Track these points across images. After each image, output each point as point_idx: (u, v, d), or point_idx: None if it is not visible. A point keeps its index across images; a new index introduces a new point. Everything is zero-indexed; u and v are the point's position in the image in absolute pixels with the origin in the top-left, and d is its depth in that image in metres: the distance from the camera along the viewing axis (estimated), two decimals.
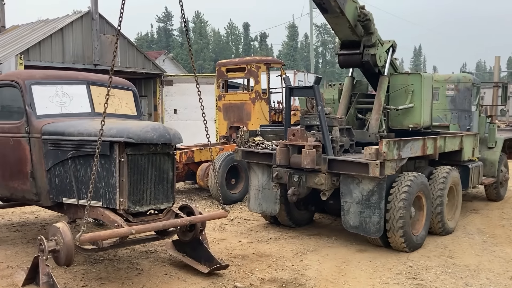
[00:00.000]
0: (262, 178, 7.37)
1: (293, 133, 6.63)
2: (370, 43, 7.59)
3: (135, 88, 6.64)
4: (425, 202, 6.74)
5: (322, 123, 6.59)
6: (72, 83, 5.86)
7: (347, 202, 6.35)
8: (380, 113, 7.84)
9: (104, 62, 15.90)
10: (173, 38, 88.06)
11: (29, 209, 8.84)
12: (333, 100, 8.68)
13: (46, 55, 14.69)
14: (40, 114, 5.44)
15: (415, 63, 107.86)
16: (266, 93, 12.52)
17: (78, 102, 5.79)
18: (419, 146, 6.74)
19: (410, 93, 8.00)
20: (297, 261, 5.94)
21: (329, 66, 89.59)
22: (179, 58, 67.21)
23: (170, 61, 40.43)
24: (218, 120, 13.36)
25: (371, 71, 8.05)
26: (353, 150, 7.14)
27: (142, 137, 4.67)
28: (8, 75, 6.09)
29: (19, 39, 16.36)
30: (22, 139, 5.49)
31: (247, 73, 12.48)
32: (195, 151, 10.44)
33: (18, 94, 5.55)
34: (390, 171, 6.08)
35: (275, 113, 13.56)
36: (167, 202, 5.08)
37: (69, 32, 15.27)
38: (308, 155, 6.24)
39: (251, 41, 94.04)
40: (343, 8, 6.99)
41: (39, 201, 5.58)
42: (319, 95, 6.65)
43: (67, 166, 5.11)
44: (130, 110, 6.39)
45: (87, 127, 5.02)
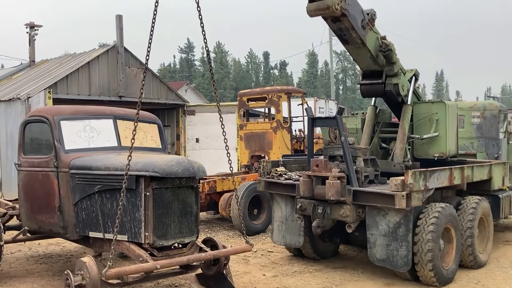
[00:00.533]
0: (286, 210, 7.32)
1: (316, 164, 6.59)
2: (392, 72, 7.58)
3: (160, 121, 6.75)
4: (455, 234, 6.57)
5: (346, 153, 6.54)
6: (99, 118, 5.99)
7: (373, 234, 6.23)
8: (404, 143, 7.76)
9: (129, 94, 16.25)
10: (195, 68, 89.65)
11: (55, 241, 8.93)
12: (356, 130, 8.64)
13: (73, 88, 15.11)
14: (68, 149, 5.56)
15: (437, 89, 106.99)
16: (288, 121, 12.56)
17: (105, 136, 5.91)
18: (446, 176, 6.61)
19: (435, 122, 7.91)
20: None
21: (350, 93, 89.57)
22: (200, 87, 68.23)
23: (192, 91, 41.07)
24: (240, 149, 13.44)
25: (394, 100, 8.02)
26: (378, 181, 7.05)
27: (167, 171, 4.71)
28: (38, 110, 6.28)
29: (47, 73, 16.89)
30: (50, 173, 5.61)
31: (268, 103, 12.59)
32: (217, 181, 10.46)
33: (47, 130, 5.69)
34: (417, 203, 5.97)
35: (297, 141, 13.57)
36: (191, 236, 5.07)
37: (96, 65, 15.71)
38: (332, 186, 6.19)
39: (271, 69, 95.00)
40: (364, 39, 7.04)
41: (65, 234, 5.65)
42: (342, 125, 6.63)
43: (94, 200, 5.18)
44: (155, 143, 6.48)
45: (113, 161, 5.11)
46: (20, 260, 7.66)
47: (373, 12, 7.27)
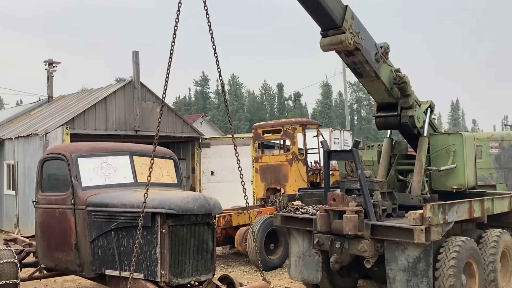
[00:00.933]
0: (303, 245, 7.21)
1: (333, 198, 6.53)
2: (407, 105, 7.56)
3: (175, 157, 6.79)
4: (477, 269, 6.38)
5: (363, 187, 6.47)
6: (116, 154, 6.06)
7: (393, 269, 6.08)
8: (422, 175, 7.66)
9: (145, 128, 16.46)
10: (209, 100, 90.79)
11: (71, 277, 8.89)
12: (372, 162, 8.57)
13: (90, 123, 15.37)
14: (85, 186, 5.61)
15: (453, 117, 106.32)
16: (303, 153, 12.54)
17: (121, 173, 5.96)
18: (466, 209, 6.47)
19: (452, 153, 7.82)
20: None
21: (365, 123, 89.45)
22: (215, 119, 68.92)
23: (207, 123, 41.48)
24: (255, 182, 13.40)
25: (410, 132, 7.97)
26: (396, 214, 6.93)
27: (183, 208, 4.71)
28: (56, 148, 6.39)
29: (65, 109, 17.25)
30: (67, 211, 5.64)
31: (283, 135, 12.61)
32: (233, 215, 10.40)
33: (65, 167, 5.77)
34: (437, 237, 5.84)
35: (313, 173, 13.50)
36: (208, 274, 5.02)
37: (112, 100, 16.01)
38: (350, 220, 6.10)
39: (285, 100, 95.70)
40: (378, 72, 7.07)
41: (82, 272, 5.64)
42: (358, 158, 6.59)
43: (110, 238, 5.18)
44: (170, 179, 6.50)
45: (130, 198, 5.13)
46: None
47: (386, 45, 7.33)
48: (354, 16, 6.71)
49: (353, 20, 6.66)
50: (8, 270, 6.16)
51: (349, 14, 6.60)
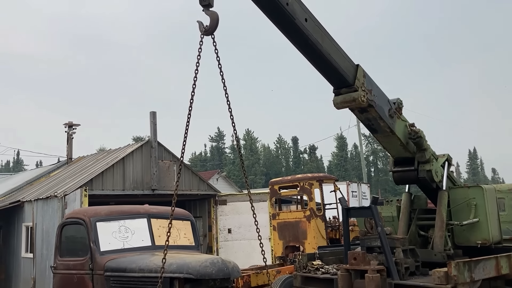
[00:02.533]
0: None
1: (354, 257, 6.38)
2: (424, 159, 7.52)
3: (193, 218, 6.78)
4: None
5: (384, 244, 6.34)
6: (134, 217, 6.08)
7: None
8: (443, 230, 7.47)
9: (162, 187, 16.54)
10: (225, 155, 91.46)
11: None
12: (392, 218, 8.41)
13: (108, 184, 15.52)
14: (104, 250, 5.60)
15: (471, 167, 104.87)
16: (321, 209, 12.40)
17: (139, 236, 5.95)
18: (493, 266, 6.25)
19: (473, 207, 7.65)
20: None
21: (382, 174, 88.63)
22: (231, 174, 69.08)
23: (223, 179, 41.52)
24: (273, 240, 13.21)
25: (428, 187, 7.87)
26: (420, 272, 6.71)
27: (201, 273, 4.65)
28: (75, 212, 6.44)
29: (83, 170, 17.52)
30: (85, 276, 5.60)
31: (300, 190, 12.55)
32: (251, 276, 10.16)
33: (83, 231, 5.79)
34: None
35: (332, 229, 13.28)
36: None
37: (130, 160, 16.24)
38: (372, 280, 5.93)
39: (301, 153, 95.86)
40: (392, 127, 7.10)
41: None
42: (378, 215, 6.50)
43: None
44: (188, 241, 6.46)
45: (148, 263, 5.09)
46: None
47: (399, 101, 7.41)
48: (366, 74, 6.84)
49: (365, 78, 6.79)
50: None
51: (361, 72, 6.74)
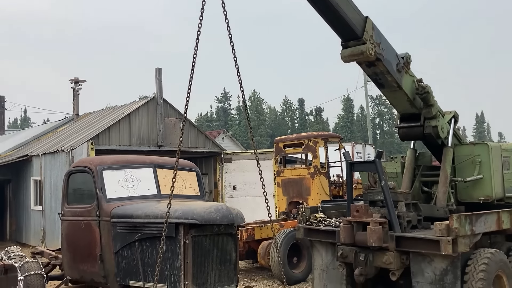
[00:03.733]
0: (326, 257, 7.13)
1: (356, 209, 6.46)
2: (431, 115, 7.47)
3: (198, 169, 6.85)
4: (507, 282, 6.19)
5: (387, 198, 6.39)
6: (140, 167, 6.15)
7: (419, 282, 5.95)
8: (447, 186, 7.52)
9: (168, 144, 16.65)
10: (231, 117, 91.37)
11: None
12: (396, 174, 8.45)
13: (114, 139, 15.63)
14: (110, 198, 5.70)
15: (478, 131, 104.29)
16: (325, 167, 12.47)
17: (145, 185, 6.03)
18: (494, 220, 6.32)
19: (478, 164, 7.66)
20: None
21: (388, 137, 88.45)
22: (237, 135, 69.19)
23: (228, 139, 41.68)
24: (277, 196, 13.36)
25: (433, 143, 7.85)
26: (422, 226, 6.80)
27: (206, 218, 4.73)
28: (81, 161, 6.52)
29: (90, 126, 17.61)
30: (92, 223, 5.73)
31: (304, 148, 12.58)
32: (255, 229, 10.36)
33: (90, 180, 5.88)
34: (464, 248, 5.70)
35: (335, 187, 13.39)
36: (231, 284, 5.01)
37: (136, 117, 16.28)
38: (374, 232, 6.02)
39: (307, 115, 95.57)
40: (400, 82, 7.02)
41: (106, 284, 5.68)
42: (382, 169, 6.52)
43: (134, 249, 5.22)
44: (193, 191, 6.55)
45: (153, 209, 5.18)
46: None
47: (408, 55, 7.28)
48: (375, 27, 6.71)
49: (374, 30, 6.66)
50: (36, 282, 6.27)
51: (370, 25, 6.60)
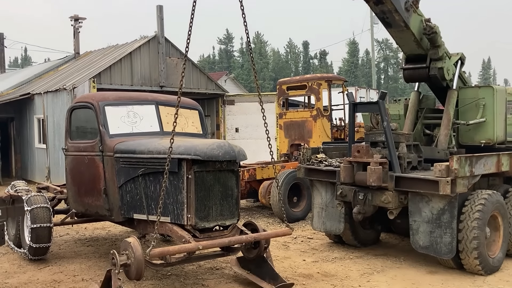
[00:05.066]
0: (326, 196, 7.27)
1: (357, 149, 6.50)
2: (437, 56, 7.34)
3: (200, 108, 6.83)
4: (502, 222, 6.35)
5: (388, 139, 6.42)
6: (142, 104, 6.13)
7: (416, 221, 6.10)
8: (449, 129, 7.52)
9: (170, 84, 16.52)
10: (233, 59, 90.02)
11: (101, 225, 9.25)
12: (398, 116, 8.44)
13: (116, 78, 15.50)
14: (113, 134, 5.72)
15: (483, 77, 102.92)
16: (328, 110, 12.43)
17: (147, 122, 6.04)
18: (493, 163, 6.37)
19: (482, 107, 7.62)
20: (364, 282, 5.77)
21: (392, 82, 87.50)
22: (239, 78, 68.50)
23: (231, 81, 41.31)
24: (279, 138, 13.41)
25: (438, 85, 7.78)
26: (422, 167, 6.88)
27: (208, 154, 4.77)
28: (83, 97, 6.49)
29: (91, 64, 17.40)
30: (96, 157, 5.79)
31: (308, 91, 12.48)
32: (257, 169, 10.50)
33: (92, 115, 5.88)
34: (462, 189, 5.79)
35: (337, 130, 13.41)
36: (233, 219, 5.13)
37: (137, 56, 16.05)
38: (374, 172, 6.09)
39: (311, 59, 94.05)
40: (407, 21, 6.84)
41: (111, 216, 5.83)
42: (385, 110, 6.50)
43: (138, 183, 5.31)
44: (196, 129, 6.56)
45: (156, 145, 5.22)
46: (68, 242, 7.98)
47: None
48: None
49: None
50: (42, 214, 6.44)
51: None
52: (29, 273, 6.17)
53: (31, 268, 6.39)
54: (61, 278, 5.92)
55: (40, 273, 6.17)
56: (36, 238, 6.37)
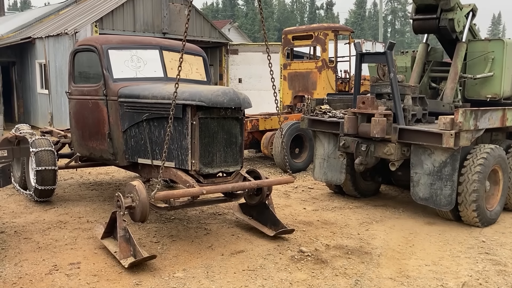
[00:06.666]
0: (328, 147, 7.30)
1: (362, 101, 6.46)
2: (448, 6, 7.15)
3: (205, 54, 6.73)
4: (502, 176, 6.40)
5: (394, 90, 6.36)
6: (146, 48, 6.03)
7: (417, 173, 6.15)
8: (455, 82, 7.45)
9: (173, 31, 16.22)
10: (238, 7, 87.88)
11: (104, 170, 9.37)
12: (405, 68, 8.34)
13: (118, 24, 15.21)
14: (117, 78, 5.67)
15: (493, 32, 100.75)
16: (333, 61, 12.26)
17: (151, 67, 5.97)
18: (498, 117, 6.35)
19: (490, 61, 7.51)
20: (363, 230, 5.89)
21: (398, 36, 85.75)
22: (243, 28, 67.12)
23: (235, 30, 40.55)
24: (283, 89, 13.31)
25: (447, 37, 7.62)
26: (426, 120, 6.85)
27: (213, 101, 4.74)
28: (87, 40, 6.38)
29: (93, 9, 17.01)
30: (100, 102, 5.77)
31: (314, 41, 12.25)
32: (260, 120, 10.50)
33: (96, 59, 5.80)
34: (465, 142, 5.81)
35: (342, 82, 13.30)
36: (236, 165, 5.17)
37: (140, 1, 15.66)
38: (378, 123, 6.08)
39: (317, 9, 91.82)
40: None
41: (115, 160, 5.88)
42: (392, 61, 6.40)
43: (142, 128, 5.32)
44: (200, 76, 6.50)
45: (161, 90, 5.18)
46: (72, 186, 8.10)
47: None
48: None
49: None
50: (47, 157, 6.50)
51: None
52: (36, 213, 6.31)
53: (37, 209, 6.53)
54: (67, 219, 6.05)
55: (46, 214, 6.31)
56: (42, 181, 6.46)
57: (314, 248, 5.19)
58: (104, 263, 4.66)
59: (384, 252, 5.16)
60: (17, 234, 5.47)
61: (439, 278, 4.50)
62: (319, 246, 5.26)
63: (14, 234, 5.48)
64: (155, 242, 5.27)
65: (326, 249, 5.19)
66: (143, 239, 5.35)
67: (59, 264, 4.61)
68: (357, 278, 4.44)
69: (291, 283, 4.30)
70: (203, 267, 4.60)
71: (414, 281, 4.42)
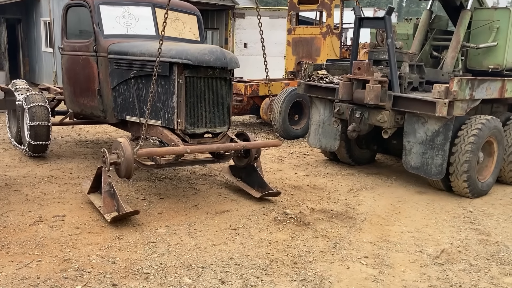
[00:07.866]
0: (324, 113, 7.23)
1: (358, 66, 6.35)
2: None
3: (199, 13, 6.60)
4: (497, 148, 6.32)
5: (391, 57, 6.23)
6: (138, 5, 5.93)
7: (410, 142, 6.09)
8: (457, 51, 7.26)
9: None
10: None
11: (103, 129, 9.41)
12: (407, 36, 8.13)
13: None
14: (107, 34, 5.60)
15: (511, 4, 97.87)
16: (339, 27, 12.01)
17: (143, 24, 5.88)
18: (497, 88, 6.21)
19: (495, 31, 7.28)
20: (351, 196, 5.89)
21: (414, 6, 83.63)
22: None
23: None
24: (287, 55, 13.12)
25: (452, 4, 7.38)
26: (422, 89, 6.74)
27: (199, 59, 4.68)
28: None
29: None
30: (90, 58, 5.73)
31: (319, 6, 11.98)
32: (260, 85, 10.39)
33: (87, 14, 5.72)
34: (460, 112, 5.71)
35: (347, 49, 13.07)
36: (223, 126, 5.14)
37: None
38: (372, 90, 5.99)
39: None
40: None
41: (105, 117, 5.89)
42: (390, 27, 6.23)
43: (130, 85, 5.29)
44: (193, 35, 6.40)
45: (148, 47, 5.12)
46: (69, 143, 8.16)
47: None
48: None
49: None
50: (40, 113, 6.52)
51: None
52: (28, 168, 6.38)
53: (31, 163, 6.60)
54: (58, 174, 6.12)
55: (39, 168, 6.38)
56: (35, 136, 6.50)
57: (299, 211, 5.21)
58: (88, 217, 4.72)
59: (368, 217, 5.17)
60: (7, 186, 5.54)
61: (419, 244, 4.51)
62: (304, 210, 5.28)
63: (4, 186, 5.56)
64: (142, 199, 5.32)
65: (311, 213, 5.20)
66: (131, 196, 5.40)
67: (44, 216, 4.68)
68: (337, 241, 4.47)
69: (270, 242, 4.33)
70: (185, 224, 4.65)
71: (393, 246, 4.44)
